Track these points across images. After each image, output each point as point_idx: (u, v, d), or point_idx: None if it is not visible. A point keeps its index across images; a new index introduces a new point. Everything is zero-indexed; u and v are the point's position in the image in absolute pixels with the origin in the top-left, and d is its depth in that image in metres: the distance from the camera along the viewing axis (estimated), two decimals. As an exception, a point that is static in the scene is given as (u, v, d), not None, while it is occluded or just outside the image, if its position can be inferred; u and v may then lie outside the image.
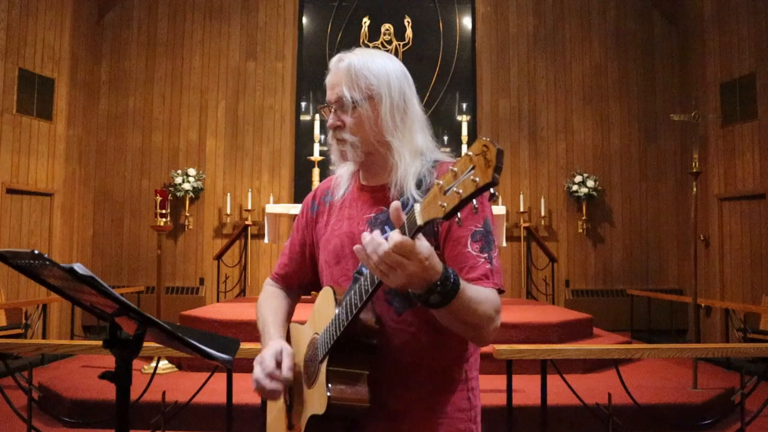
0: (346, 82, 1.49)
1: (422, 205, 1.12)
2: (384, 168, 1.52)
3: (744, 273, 7.73)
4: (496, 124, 9.14)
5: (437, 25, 9.23)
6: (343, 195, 1.60)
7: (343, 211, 1.58)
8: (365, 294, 1.27)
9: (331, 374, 1.35)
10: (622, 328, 8.08)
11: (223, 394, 3.51)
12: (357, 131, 1.49)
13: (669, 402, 4.56)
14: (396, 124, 1.48)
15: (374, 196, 1.53)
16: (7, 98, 7.28)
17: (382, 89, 1.48)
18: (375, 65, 1.50)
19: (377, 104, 1.48)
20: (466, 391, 1.50)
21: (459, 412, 1.48)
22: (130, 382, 1.32)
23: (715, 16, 8.15)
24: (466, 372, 1.51)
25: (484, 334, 1.35)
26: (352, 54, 1.53)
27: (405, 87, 1.52)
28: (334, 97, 1.50)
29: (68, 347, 3.84)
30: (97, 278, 1.18)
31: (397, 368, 1.44)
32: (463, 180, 1.04)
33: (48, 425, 4.27)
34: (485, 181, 1.02)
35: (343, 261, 1.53)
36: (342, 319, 1.33)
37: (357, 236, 1.50)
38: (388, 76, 1.50)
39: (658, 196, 9.11)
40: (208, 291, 8.88)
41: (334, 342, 1.35)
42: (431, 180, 1.46)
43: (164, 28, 9.22)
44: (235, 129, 9.15)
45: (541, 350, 3.66)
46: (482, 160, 1.02)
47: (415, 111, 1.53)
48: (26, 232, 7.60)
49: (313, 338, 1.48)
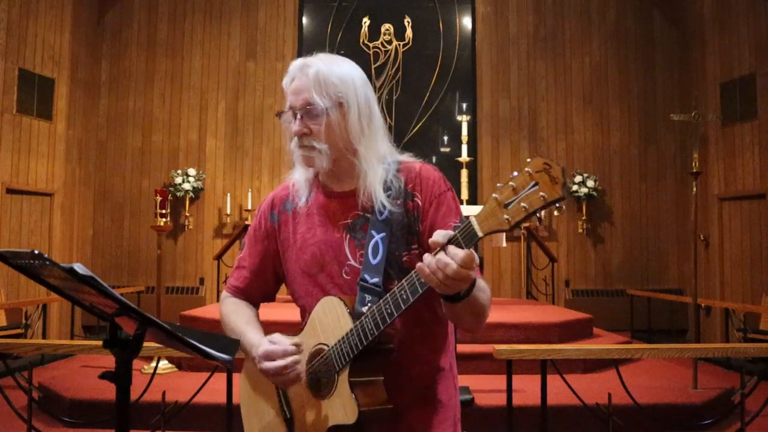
0: (315, 88, 1.47)
1: (480, 218, 1.20)
2: (350, 174, 1.52)
3: (744, 273, 7.73)
4: (496, 124, 9.14)
5: (437, 25, 9.23)
6: (307, 202, 1.58)
7: (311, 219, 1.56)
8: (403, 303, 1.31)
9: (355, 384, 1.38)
10: (622, 328, 8.08)
11: (223, 394, 3.51)
12: (327, 138, 1.48)
13: (669, 402, 4.56)
14: (363, 130, 1.50)
15: (345, 202, 1.53)
16: (7, 98, 7.28)
17: (349, 96, 1.49)
18: (341, 72, 1.50)
19: (346, 111, 1.48)
20: (452, 379, 1.57)
21: (450, 399, 1.55)
22: (130, 382, 1.31)
23: (715, 16, 8.15)
24: (450, 360, 1.58)
25: (482, 322, 1.42)
26: (317, 59, 1.52)
27: (369, 93, 1.53)
28: (300, 103, 1.49)
29: (68, 347, 3.84)
30: (97, 278, 1.18)
31: (397, 366, 1.46)
32: (527, 195, 1.13)
33: (48, 425, 4.27)
34: (554, 196, 1.11)
35: (326, 268, 1.52)
36: (370, 330, 1.34)
37: (335, 243, 1.52)
38: (354, 82, 1.50)
39: (658, 196, 9.11)
40: (208, 291, 8.88)
41: (357, 352, 1.36)
42: (398, 185, 1.49)
43: (164, 28, 9.22)
44: (235, 129, 9.15)
45: (541, 350, 3.66)
46: (546, 177, 1.11)
47: (378, 117, 1.54)
48: (26, 232, 7.60)
49: (319, 349, 1.46)
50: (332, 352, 1.42)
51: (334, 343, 1.42)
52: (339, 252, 1.51)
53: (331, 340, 1.43)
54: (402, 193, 1.48)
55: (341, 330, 1.40)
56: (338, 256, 1.51)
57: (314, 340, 1.48)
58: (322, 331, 1.46)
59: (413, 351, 1.49)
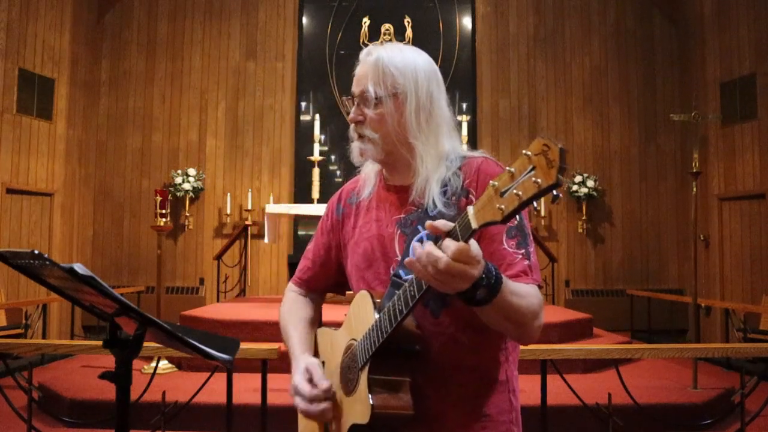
0: (372, 76, 1.43)
1: (476, 208, 1.08)
2: (408, 168, 1.46)
3: (744, 273, 7.73)
4: (496, 124, 9.14)
5: (437, 25, 9.23)
6: (370, 195, 1.55)
7: (370, 213, 1.53)
8: (411, 300, 1.22)
9: (373, 382, 1.31)
10: (622, 328, 8.08)
11: (223, 394, 3.51)
12: (378, 128, 1.44)
13: (669, 402, 4.56)
14: (420, 125, 1.43)
15: (400, 196, 1.48)
16: (7, 98, 7.28)
17: (408, 88, 1.42)
18: (403, 62, 1.44)
19: (402, 103, 1.42)
20: (507, 393, 1.45)
21: (501, 414, 1.43)
22: (130, 382, 1.31)
23: (715, 17, 8.15)
24: (507, 373, 1.45)
25: (529, 331, 1.30)
26: (381, 48, 1.47)
27: (433, 86, 1.45)
28: (359, 90, 1.46)
29: (68, 347, 3.84)
30: (97, 278, 1.18)
31: (438, 371, 1.39)
32: (522, 181, 0.99)
33: (48, 425, 4.27)
34: (549, 182, 0.97)
35: (375, 264, 1.48)
36: (385, 326, 1.28)
37: (386, 239, 1.47)
38: (416, 74, 1.43)
39: (658, 196, 9.11)
40: (208, 291, 8.88)
41: (375, 349, 1.30)
42: (456, 183, 1.41)
43: (164, 28, 9.22)
44: (235, 129, 9.15)
45: (541, 350, 3.66)
46: (543, 160, 0.97)
47: (442, 112, 1.46)
48: (26, 232, 7.60)
49: (350, 344, 1.43)
50: (358, 347, 1.38)
51: (360, 338, 1.38)
52: (389, 247, 1.47)
53: (359, 335, 1.38)
54: (459, 191, 1.41)
55: (367, 325, 1.36)
56: (387, 252, 1.47)
57: (349, 335, 1.45)
58: (355, 325, 1.42)
59: (459, 357, 1.40)
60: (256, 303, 7.13)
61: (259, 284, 8.95)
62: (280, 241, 7.58)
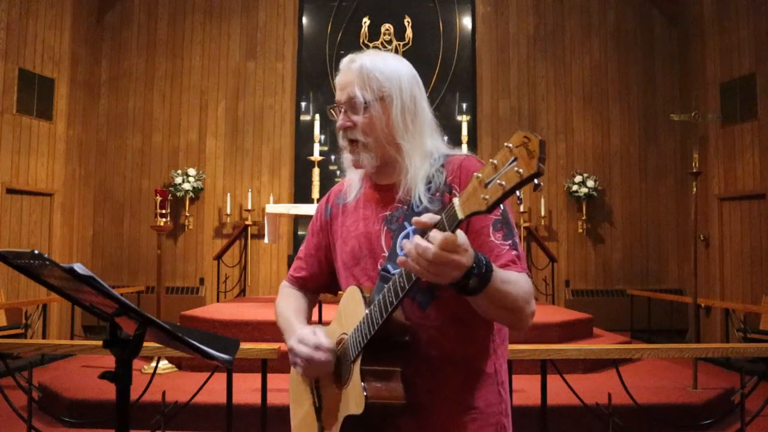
0: (357, 82, 1.49)
1: (462, 199, 1.12)
2: (393, 168, 1.52)
3: (744, 273, 7.73)
4: (496, 124, 9.14)
5: (437, 25, 9.23)
6: (356, 196, 1.60)
7: (357, 212, 1.58)
8: (401, 291, 1.27)
9: (366, 373, 1.35)
10: (622, 328, 8.08)
11: (223, 394, 3.51)
12: (370, 132, 1.49)
13: (669, 402, 4.56)
14: (407, 125, 1.49)
15: (386, 194, 1.54)
16: (7, 98, 7.28)
17: (393, 91, 1.48)
18: (387, 67, 1.50)
19: (388, 105, 1.48)
20: (496, 385, 1.49)
21: (490, 406, 1.47)
22: (130, 382, 1.32)
23: (715, 17, 8.15)
24: (496, 365, 1.49)
25: (523, 317, 1.34)
26: (363, 55, 1.53)
27: (415, 90, 1.52)
28: (345, 97, 1.51)
29: (68, 347, 3.84)
30: (97, 278, 1.18)
31: (426, 364, 1.43)
32: (505, 172, 1.05)
33: (48, 425, 4.27)
34: (530, 171, 1.02)
35: (362, 261, 1.53)
36: (375, 318, 1.33)
37: (373, 236, 1.52)
38: (399, 78, 1.50)
39: (658, 196, 9.11)
40: (208, 291, 8.88)
41: (367, 341, 1.35)
42: (440, 179, 1.46)
43: (164, 28, 9.22)
44: (235, 129, 9.15)
45: (541, 350, 3.66)
46: (524, 151, 1.03)
47: (425, 113, 1.53)
48: (26, 232, 7.60)
49: (341, 338, 1.47)
50: (349, 341, 1.42)
51: (351, 331, 1.42)
52: (376, 244, 1.52)
53: (350, 328, 1.43)
54: (442, 187, 1.47)
55: (357, 318, 1.40)
56: (375, 249, 1.51)
57: (340, 329, 1.49)
58: (345, 319, 1.46)
59: (447, 350, 1.44)
60: (256, 303, 7.13)
61: (259, 284, 8.95)
62: (280, 241, 7.58)
